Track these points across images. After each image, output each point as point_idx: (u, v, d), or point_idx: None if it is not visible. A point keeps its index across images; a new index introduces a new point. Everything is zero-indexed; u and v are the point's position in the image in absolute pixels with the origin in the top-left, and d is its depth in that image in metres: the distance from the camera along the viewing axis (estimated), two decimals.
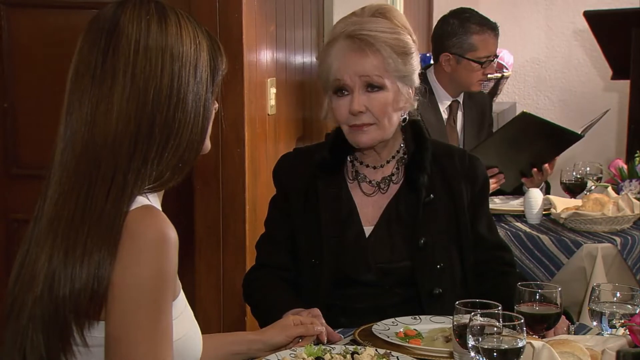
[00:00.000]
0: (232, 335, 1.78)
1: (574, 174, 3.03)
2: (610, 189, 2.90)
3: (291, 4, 3.26)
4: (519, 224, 2.84)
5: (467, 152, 2.13)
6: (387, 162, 2.05)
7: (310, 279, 1.99)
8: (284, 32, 3.18)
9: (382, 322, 1.82)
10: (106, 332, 1.28)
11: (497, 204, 3.05)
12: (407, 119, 2.03)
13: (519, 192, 3.13)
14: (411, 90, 1.99)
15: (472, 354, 1.44)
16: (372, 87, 1.94)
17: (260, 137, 2.95)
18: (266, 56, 3.00)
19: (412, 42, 1.98)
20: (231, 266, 2.87)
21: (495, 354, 1.41)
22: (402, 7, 4.38)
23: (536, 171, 3.07)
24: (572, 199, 2.97)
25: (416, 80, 2.00)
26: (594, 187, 3.00)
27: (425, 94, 2.05)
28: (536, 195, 2.87)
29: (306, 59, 3.45)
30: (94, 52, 1.31)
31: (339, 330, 1.85)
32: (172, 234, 1.29)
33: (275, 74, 3.09)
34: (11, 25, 2.96)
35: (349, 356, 1.62)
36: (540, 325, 1.66)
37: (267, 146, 3.03)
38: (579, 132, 3.02)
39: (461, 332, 1.49)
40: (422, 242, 1.97)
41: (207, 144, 1.40)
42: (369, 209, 2.02)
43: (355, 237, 1.99)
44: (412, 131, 2.06)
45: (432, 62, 3.41)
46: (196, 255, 2.90)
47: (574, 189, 3.02)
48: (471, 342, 1.43)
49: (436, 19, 3.42)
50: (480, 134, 3.34)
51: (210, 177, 2.84)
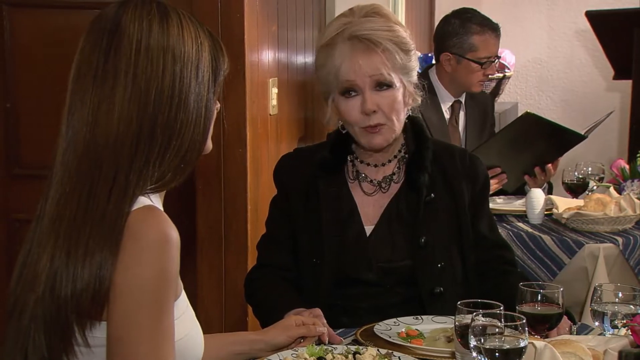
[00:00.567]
0: (233, 335, 1.78)
1: (576, 174, 3.02)
2: (612, 189, 2.90)
3: (293, 4, 3.26)
4: (520, 224, 2.84)
5: (468, 152, 2.13)
6: (389, 161, 2.05)
7: (311, 278, 1.99)
8: (285, 32, 3.18)
9: (383, 322, 1.82)
10: (108, 332, 1.28)
11: (499, 204, 3.05)
12: (410, 114, 2.03)
13: (521, 192, 3.13)
14: (411, 85, 1.99)
15: (474, 354, 1.43)
16: (381, 85, 1.94)
17: (262, 137, 2.95)
18: (268, 56, 3.00)
19: (410, 37, 1.99)
20: (233, 266, 2.87)
21: (497, 354, 1.40)
22: (403, 7, 4.38)
23: (539, 171, 3.06)
24: (574, 199, 2.97)
25: (415, 76, 2.00)
26: (596, 187, 3.00)
27: (424, 89, 2.05)
28: (538, 195, 2.87)
29: (308, 59, 3.45)
30: (96, 52, 1.31)
31: (340, 330, 1.85)
32: (174, 234, 1.29)
33: (277, 74, 3.09)
34: (13, 25, 2.96)
35: (350, 356, 1.62)
36: (542, 325, 1.65)
37: (269, 146, 3.03)
38: (582, 133, 3.02)
39: (463, 332, 1.49)
40: (422, 241, 1.97)
41: (209, 145, 1.40)
42: (370, 208, 2.02)
43: (356, 237, 1.99)
44: (413, 130, 2.06)
45: (434, 62, 3.41)
46: (198, 255, 2.90)
47: (576, 189, 3.02)
48: (473, 342, 1.43)
49: (438, 18, 3.43)
50: (482, 134, 3.34)
51: (212, 177, 2.84)
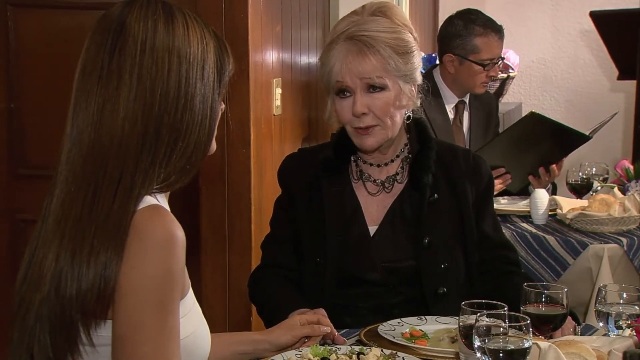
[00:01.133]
0: (238, 335, 1.78)
1: (580, 174, 3.02)
2: (616, 190, 2.90)
3: (297, 4, 3.26)
4: (524, 225, 2.84)
5: (472, 152, 2.13)
6: (392, 161, 2.05)
7: (314, 278, 1.99)
8: (289, 32, 3.18)
9: (387, 322, 1.82)
10: (113, 331, 1.28)
11: (503, 204, 3.05)
12: (411, 116, 2.03)
13: (525, 192, 3.13)
14: (414, 87, 1.98)
15: (478, 355, 1.43)
16: (373, 87, 1.93)
17: (265, 137, 2.96)
18: (272, 56, 3.00)
19: (413, 39, 1.98)
20: (237, 266, 2.87)
21: (501, 355, 1.40)
22: (407, 7, 4.38)
23: (543, 171, 3.06)
24: (578, 200, 2.96)
25: (418, 77, 1.99)
26: (600, 188, 2.99)
27: (428, 91, 2.05)
28: (542, 195, 2.86)
29: (312, 59, 3.46)
30: (101, 52, 1.31)
31: (344, 330, 1.85)
32: (180, 233, 1.29)
33: (281, 74, 3.09)
34: (17, 25, 2.96)
35: (354, 356, 1.62)
36: (546, 325, 1.65)
37: (273, 146, 3.03)
38: (586, 134, 3.02)
39: (467, 333, 1.49)
40: (426, 241, 1.97)
41: (213, 145, 1.40)
42: (374, 208, 2.02)
43: (359, 236, 1.99)
44: (416, 130, 2.06)
45: (438, 63, 3.41)
46: (202, 255, 2.90)
47: (580, 190, 3.02)
48: (477, 342, 1.43)
49: (442, 18, 3.42)
50: (486, 134, 3.34)
51: (216, 177, 2.85)
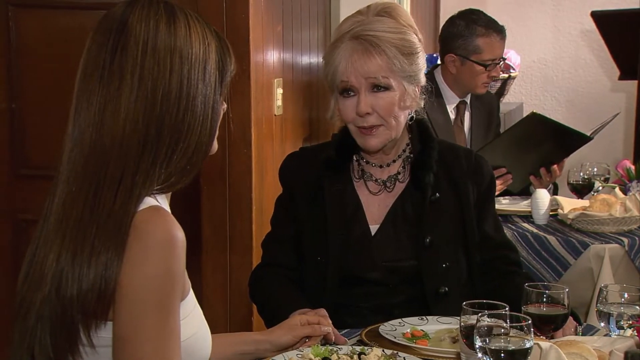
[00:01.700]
0: (239, 335, 1.78)
1: (581, 174, 3.02)
2: (617, 190, 2.89)
3: (298, 4, 3.26)
4: (526, 225, 2.84)
5: (474, 152, 2.13)
6: (394, 161, 2.05)
7: (315, 276, 1.99)
8: (290, 32, 3.18)
9: (389, 322, 1.82)
10: (114, 332, 1.28)
11: (504, 204, 3.04)
12: (414, 117, 2.03)
13: (526, 192, 3.13)
14: (417, 89, 1.99)
15: (480, 355, 1.43)
16: (378, 87, 1.93)
17: (267, 137, 2.96)
18: (273, 56, 3.00)
19: (418, 41, 1.98)
20: (238, 266, 2.87)
21: (502, 355, 1.40)
22: (408, 7, 4.37)
23: (544, 172, 3.06)
24: (580, 200, 2.96)
25: (422, 78, 1.99)
26: (601, 188, 2.99)
27: (431, 92, 2.05)
28: (543, 195, 2.86)
29: (313, 59, 3.46)
30: (102, 52, 1.31)
31: (345, 330, 1.85)
32: (180, 234, 1.29)
33: (282, 74, 3.09)
34: (18, 25, 2.96)
35: (356, 357, 1.62)
36: (547, 326, 1.65)
37: (274, 146, 3.03)
38: (588, 134, 3.02)
39: (468, 333, 1.49)
40: (427, 240, 1.97)
41: (215, 145, 1.40)
42: (375, 207, 2.02)
43: (360, 235, 1.99)
44: (418, 130, 2.06)
45: (439, 63, 3.41)
46: (203, 255, 2.90)
47: (581, 190, 3.01)
48: (478, 343, 1.43)
49: (443, 18, 3.43)
50: (487, 134, 3.34)
51: (217, 177, 2.85)
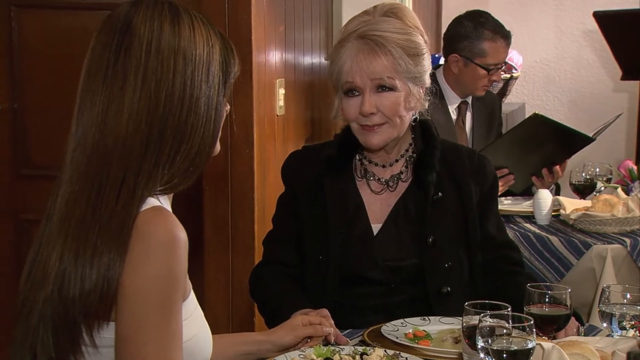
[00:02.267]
0: (241, 335, 1.78)
1: (584, 175, 3.02)
2: (620, 190, 2.89)
3: (300, 4, 3.26)
4: (528, 225, 2.84)
5: (476, 152, 2.13)
6: (396, 160, 2.05)
7: (317, 276, 1.98)
8: (292, 32, 3.18)
9: (391, 323, 1.82)
10: (116, 332, 1.28)
11: (506, 204, 3.04)
12: (418, 118, 2.03)
13: (529, 193, 3.12)
14: (422, 90, 1.99)
15: (482, 355, 1.43)
16: (383, 88, 1.93)
17: (269, 137, 2.96)
18: (275, 57, 3.00)
19: (424, 42, 1.98)
20: (240, 266, 2.87)
21: (504, 356, 1.40)
22: (410, 7, 4.37)
23: (546, 172, 3.06)
24: (582, 200, 2.96)
25: (427, 80, 1.99)
26: (603, 188, 2.99)
27: (435, 94, 2.05)
28: (545, 196, 2.86)
29: (315, 59, 3.46)
30: (106, 52, 1.31)
31: (347, 331, 1.85)
32: (182, 234, 1.29)
33: (284, 74, 3.09)
34: (20, 26, 2.97)
35: (358, 357, 1.62)
36: (549, 326, 1.65)
37: (276, 146, 3.03)
38: (590, 135, 3.01)
39: (470, 333, 1.49)
40: (430, 240, 1.96)
41: (217, 146, 1.40)
42: (377, 206, 2.02)
43: (362, 234, 1.99)
44: (421, 130, 2.06)
45: (441, 63, 3.40)
46: (205, 255, 2.90)
47: (584, 190, 3.01)
48: (480, 343, 1.43)
49: (445, 19, 3.42)
50: (489, 134, 3.34)
51: (219, 177, 2.85)
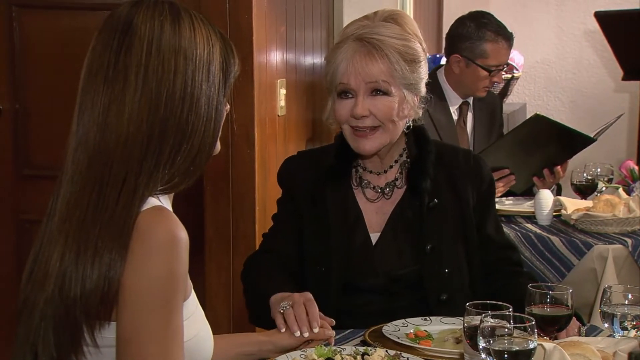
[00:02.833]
0: (242, 336, 1.78)
1: (585, 175, 3.02)
2: (621, 190, 2.89)
3: (301, 5, 3.26)
4: (529, 225, 2.84)
5: (472, 153, 2.12)
6: (390, 166, 2.03)
7: (318, 286, 1.96)
8: (294, 33, 3.18)
9: (392, 323, 1.82)
10: (117, 333, 1.28)
11: (507, 205, 3.04)
12: (411, 126, 2.00)
13: (530, 193, 3.12)
14: (417, 98, 1.96)
15: (483, 356, 1.43)
16: (377, 91, 1.91)
17: (270, 137, 2.96)
18: (276, 57, 3.00)
19: (422, 50, 1.96)
20: (241, 266, 2.86)
21: (506, 356, 1.40)
22: (412, 8, 4.38)
23: (548, 172, 3.06)
24: (583, 200, 2.96)
25: (422, 89, 1.97)
26: (604, 189, 2.99)
27: (430, 103, 2.02)
28: (547, 196, 2.86)
29: (316, 59, 3.46)
30: (107, 52, 1.31)
31: (348, 331, 1.85)
32: (183, 234, 1.29)
33: (285, 74, 3.09)
34: (22, 26, 2.97)
35: (359, 357, 1.62)
36: (551, 326, 1.65)
37: (277, 147, 3.04)
38: (591, 136, 3.01)
39: (472, 334, 1.49)
40: (428, 248, 1.96)
41: (217, 146, 1.40)
42: (374, 215, 2.01)
43: (361, 245, 1.98)
44: (414, 135, 2.04)
45: (442, 63, 3.40)
46: (206, 255, 2.90)
47: (585, 190, 3.01)
48: (482, 343, 1.43)
49: (446, 19, 3.42)
50: (490, 134, 3.34)
51: (220, 177, 2.85)
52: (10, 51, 2.98)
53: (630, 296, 1.69)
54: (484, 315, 1.45)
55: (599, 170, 3.04)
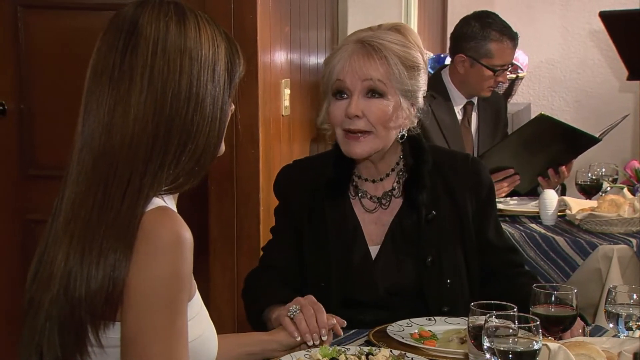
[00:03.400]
0: (245, 336, 1.78)
1: (589, 175, 3.01)
2: (626, 190, 2.89)
3: (305, 5, 3.26)
4: (533, 225, 2.83)
5: (470, 157, 2.10)
6: (387, 175, 2.01)
7: (318, 299, 1.89)
8: (298, 33, 3.18)
9: (396, 323, 1.82)
10: (122, 333, 1.28)
11: (511, 205, 3.04)
12: (405, 135, 1.97)
13: (534, 193, 3.12)
14: (413, 108, 1.94)
15: (488, 356, 1.43)
16: (372, 93, 1.90)
17: (274, 137, 2.96)
18: (280, 57, 3.00)
19: (422, 60, 1.94)
20: (245, 267, 2.87)
21: (510, 356, 1.40)
22: (416, 7, 4.37)
23: (552, 172, 3.06)
24: (588, 200, 2.96)
25: (420, 99, 1.95)
26: (609, 189, 2.99)
27: (427, 114, 2.00)
28: (551, 196, 2.86)
29: (320, 59, 3.45)
30: (112, 52, 1.31)
31: (353, 331, 1.85)
32: (187, 235, 1.29)
33: (289, 74, 3.09)
34: (27, 26, 2.98)
35: (363, 357, 1.62)
36: (556, 327, 1.65)
37: (282, 147, 3.04)
38: (596, 136, 3.01)
39: (476, 334, 1.49)
40: (429, 260, 1.94)
41: (222, 147, 1.40)
42: (372, 226, 1.99)
43: (361, 259, 1.96)
44: (409, 144, 2.00)
45: (446, 63, 3.40)
46: (210, 255, 2.91)
47: (589, 190, 3.01)
48: (486, 343, 1.43)
49: (450, 19, 3.42)
50: (494, 134, 3.33)
51: (224, 177, 2.85)
52: (15, 51, 2.98)
53: (635, 296, 1.68)
54: (488, 315, 1.45)
55: (603, 170, 3.04)
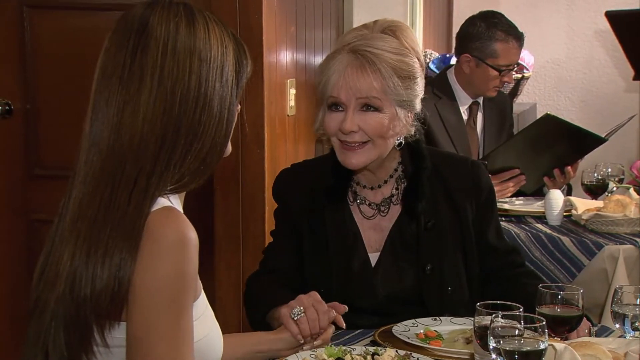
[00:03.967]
0: (251, 335, 1.78)
1: (595, 175, 3.01)
2: (632, 191, 2.88)
3: (311, 5, 3.26)
4: (539, 225, 2.83)
5: (470, 160, 2.09)
6: (385, 181, 2.00)
7: None
8: (303, 33, 3.19)
9: (402, 323, 1.82)
10: (127, 332, 1.28)
11: (517, 205, 3.04)
12: (403, 143, 1.96)
13: (540, 193, 3.12)
14: (410, 115, 1.93)
15: (494, 356, 1.43)
16: (367, 107, 1.88)
17: (280, 137, 2.96)
18: (286, 57, 3.00)
19: (419, 66, 1.92)
20: (250, 266, 2.87)
21: (516, 356, 1.40)
22: (422, 7, 4.37)
23: (558, 172, 3.05)
24: (594, 201, 2.95)
25: (417, 105, 1.93)
26: (615, 189, 2.98)
27: (425, 120, 1.98)
28: (557, 196, 2.85)
29: None
30: (122, 52, 1.31)
31: (358, 331, 1.85)
32: (193, 235, 1.30)
33: (295, 74, 3.09)
34: (33, 26, 2.98)
35: (369, 357, 1.62)
36: (562, 327, 1.65)
37: (287, 147, 3.04)
38: (602, 136, 3.00)
39: (482, 334, 1.49)
40: (429, 268, 1.94)
41: (229, 148, 1.40)
42: (371, 232, 1.98)
43: (361, 267, 1.95)
44: (409, 150, 1.99)
45: (452, 63, 3.40)
46: (216, 255, 2.91)
47: (595, 191, 3.00)
48: (492, 344, 1.42)
49: (456, 19, 3.42)
50: (500, 134, 3.33)
51: (230, 177, 2.85)
52: (21, 51, 2.99)
53: None
54: (494, 315, 1.45)
55: (609, 170, 3.03)
